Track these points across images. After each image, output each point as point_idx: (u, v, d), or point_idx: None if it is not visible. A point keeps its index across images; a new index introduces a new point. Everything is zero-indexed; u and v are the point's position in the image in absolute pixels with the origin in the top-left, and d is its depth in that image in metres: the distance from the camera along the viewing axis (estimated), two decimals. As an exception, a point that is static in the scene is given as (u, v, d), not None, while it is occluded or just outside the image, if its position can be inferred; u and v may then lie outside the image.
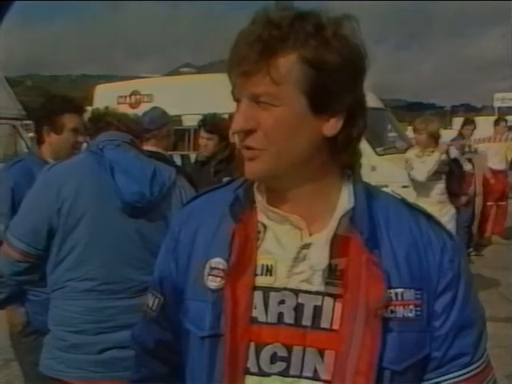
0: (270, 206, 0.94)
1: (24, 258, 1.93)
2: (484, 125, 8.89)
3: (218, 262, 0.94)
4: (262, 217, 0.95)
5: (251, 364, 0.90)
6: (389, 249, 0.91)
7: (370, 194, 0.95)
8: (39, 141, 2.57)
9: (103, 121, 2.14)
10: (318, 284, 0.90)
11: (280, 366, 0.90)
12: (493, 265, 7.00)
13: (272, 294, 0.91)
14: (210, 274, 0.94)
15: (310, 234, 0.92)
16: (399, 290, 0.89)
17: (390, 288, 0.89)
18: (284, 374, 0.90)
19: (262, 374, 0.90)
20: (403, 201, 0.99)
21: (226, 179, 1.07)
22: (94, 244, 1.92)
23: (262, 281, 0.92)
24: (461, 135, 7.72)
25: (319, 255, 0.90)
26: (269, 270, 0.92)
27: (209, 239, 0.97)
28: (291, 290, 0.91)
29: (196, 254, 0.97)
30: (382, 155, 7.51)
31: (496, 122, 8.23)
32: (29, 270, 1.97)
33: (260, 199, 0.95)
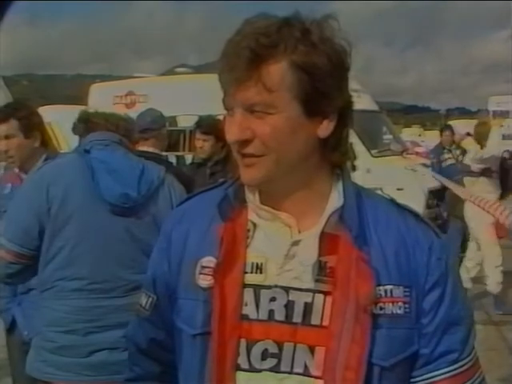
0: (261, 204, 0.94)
1: (17, 260, 1.92)
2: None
3: (208, 260, 0.95)
4: (252, 215, 0.95)
5: (242, 360, 0.91)
6: (377, 246, 0.92)
7: (359, 193, 0.96)
8: None
9: (91, 121, 2.14)
10: (308, 281, 0.91)
11: (271, 362, 0.91)
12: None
13: (263, 291, 0.92)
14: (201, 273, 0.95)
15: (300, 232, 0.93)
16: (388, 287, 0.90)
17: (379, 285, 0.90)
18: (275, 370, 0.91)
19: (252, 370, 0.91)
20: (392, 200, 1.00)
21: (221, 180, 1.07)
22: (83, 243, 1.91)
23: (252, 278, 0.92)
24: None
25: (308, 252, 0.91)
26: (259, 268, 0.93)
27: (200, 238, 0.97)
28: (282, 287, 0.91)
29: (188, 253, 0.98)
30: (377, 157, 7.53)
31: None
32: (22, 272, 1.96)
33: (251, 198, 0.96)
